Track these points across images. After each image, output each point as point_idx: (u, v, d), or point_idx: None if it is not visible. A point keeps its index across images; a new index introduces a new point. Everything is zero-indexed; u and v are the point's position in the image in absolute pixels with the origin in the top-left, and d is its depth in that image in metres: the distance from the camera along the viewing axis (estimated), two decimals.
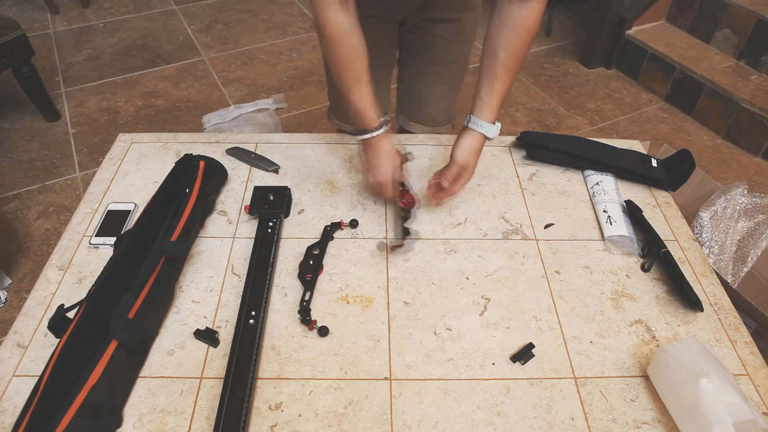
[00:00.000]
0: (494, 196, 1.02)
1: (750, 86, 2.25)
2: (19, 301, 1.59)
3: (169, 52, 2.72)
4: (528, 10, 0.83)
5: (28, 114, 2.26)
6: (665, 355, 0.71)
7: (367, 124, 0.88)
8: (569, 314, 0.82)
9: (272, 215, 0.92)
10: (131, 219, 0.93)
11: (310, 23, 2.99)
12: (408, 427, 0.68)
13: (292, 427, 0.68)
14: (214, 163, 0.99)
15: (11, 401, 0.69)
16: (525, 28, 0.85)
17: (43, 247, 1.74)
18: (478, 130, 0.90)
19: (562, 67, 2.71)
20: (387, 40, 1.08)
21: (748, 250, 1.33)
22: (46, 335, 0.75)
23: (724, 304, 0.85)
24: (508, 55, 0.86)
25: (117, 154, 1.07)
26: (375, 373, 0.74)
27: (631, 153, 1.07)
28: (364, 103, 0.87)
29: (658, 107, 2.47)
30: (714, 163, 2.17)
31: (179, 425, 0.67)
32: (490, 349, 0.77)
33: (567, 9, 3.11)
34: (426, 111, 1.15)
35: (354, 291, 0.84)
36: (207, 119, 2.09)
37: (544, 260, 0.90)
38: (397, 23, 1.06)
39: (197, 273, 0.86)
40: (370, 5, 0.97)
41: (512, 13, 0.84)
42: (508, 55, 0.86)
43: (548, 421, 0.70)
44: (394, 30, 1.07)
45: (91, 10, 3.05)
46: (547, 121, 2.36)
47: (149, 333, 0.76)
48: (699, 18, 2.51)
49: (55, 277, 0.84)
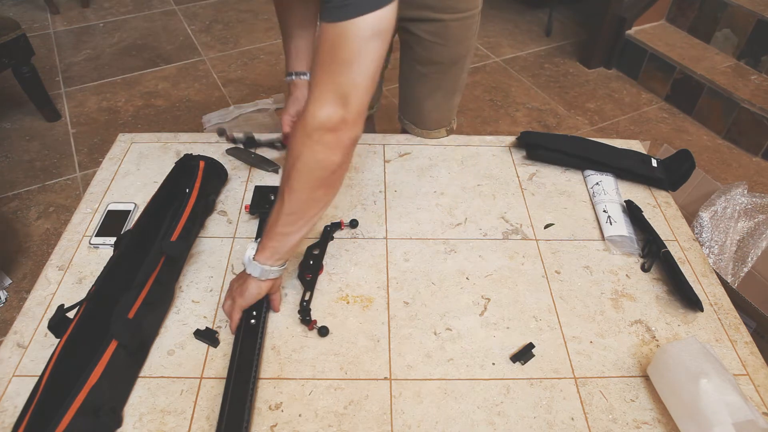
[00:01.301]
0: (494, 196, 1.02)
1: (750, 86, 2.25)
2: (19, 301, 1.58)
3: (169, 52, 2.72)
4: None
5: (28, 114, 2.26)
6: (665, 355, 0.71)
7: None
8: (569, 314, 0.82)
9: None
10: (131, 219, 0.93)
11: None
12: (408, 427, 0.68)
13: (292, 427, 0.68)
14: (214, 163, 0.99)
15: (11, 401, 0.69)
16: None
17: (43, 247, 1.74)
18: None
19: (562, 67, 2.71)
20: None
21: (748, 250, 1.33)
22: (46, 335, 0.75)
23: (724, 304, 0.85)
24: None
25: (117, 154, 1.07)
26: (375, 373, 0.74)
27: (631, 153, 1.07)
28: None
29: (658, 107, 2.47)
30: (714, 163, 2.17)
31: (179, 425, 0.67)
32: (490, 349, 0.77)
33: (567, 9, 3.11)
34: (416, 112, 1.15)
35: (354, 291, 0.84)
36: (207, 119, 2.09)
37: (544, 260, 0.90)
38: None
39: (197, 273, 0.86)
40: None
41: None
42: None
43: (548, 421, 0.70)
44: None
45: (91, 10, 3.04)
46: (547, 121, 2.36)
47: (149, 333, 0.76)
48: (699, 18, 2.51)
49: (55, 277, 0.84)
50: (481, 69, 2.66)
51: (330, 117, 0.64)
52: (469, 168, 1.07)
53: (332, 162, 0.67)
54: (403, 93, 1.17)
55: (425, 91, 1.12)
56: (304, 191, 0.69)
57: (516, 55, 2.79)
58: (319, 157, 0.66)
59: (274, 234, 0.73)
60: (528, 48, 2.85)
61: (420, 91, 1.12)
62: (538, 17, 3.07)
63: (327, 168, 0.67)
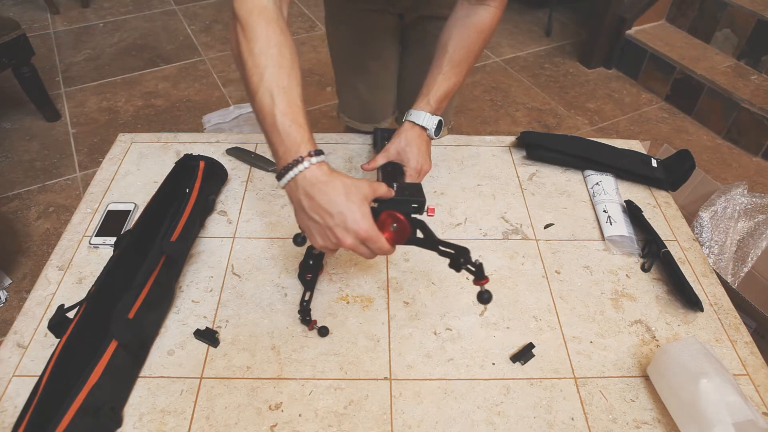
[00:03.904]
0: (494, 196, 1.02)
1: (750, 86, 2.25)
2: (19, 301, 1.59)
3: (169, 52, 2.72)
4: (485, 12, 0.83)
5: (28, 114, 2.26)
6: (665, 355, 0.71)
7: (300, 150, 0.61)
8: (569, 314, 0.82)
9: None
10: (131, 219, 0.93)
11: (310, 23, 2.99)
12: (408, 427, 0.68)
13: (292, 427, 0.68)
14: (214, 163, 0.99)
15: (11, 401, 0.69)
16: (478, 29, 0.84)
17: (43, 247, 1.74)
18: (410, 118, 0.86)
19: (562, 67, 2.71)
20: (387, 32, 1.06)
21: (748, 250, 1.33)
22: (46, 335, 0.75)
23: (724, 304, 0.85)
24: (456, 51, 0.84)
25: (117, 154, 1.07)
26: (375, 373, 0.74)
27: (631, 153, 1.07)
28: (295, 116, 0.62)
29: (658, 107, 2.47)
30: (714, 163, 2.17)
31: (179, 425, 0.67)
32: (490, 349, 0.77)
33: (567, 9, 3.11)
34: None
35: (354, 291, 0.84)
36: (207, 119, 2.09)
37: (544, 260, 0.90)
38: (397, 16, 1.06)
39: (197, 273, 0.86)
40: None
41: (468, 13, 0.84)
42: (456, 50, 0.84)
43: (548, 421, 0.70)
44: (394, 22, 1.06)
45: (91, 10, 3.05)
46: (547, 121, 2.36)
47: (149, 333, 0.76)
48: (699, 18, 2.51)
49: (55, 277, 0.84)
50: (481, 69, 2.66)
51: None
52: (469, 168, 1.07)
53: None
54: (404, 90, 1.15)
55: None
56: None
57: (516, 55, 2.80)
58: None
59: (444, 97, 0.84)
60: (528, 48, 2.85)
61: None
62: (538, 17, 3.07)
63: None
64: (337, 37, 1.09)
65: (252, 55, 0.63)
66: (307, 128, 0.63)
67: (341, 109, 1.26)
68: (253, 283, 0.84)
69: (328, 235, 0.61)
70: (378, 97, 1.12)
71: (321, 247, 0.64)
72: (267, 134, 0.64)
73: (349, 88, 1.15)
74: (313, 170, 0.60)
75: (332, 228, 0.60)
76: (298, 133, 0.61)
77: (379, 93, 1.12)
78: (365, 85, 1.10)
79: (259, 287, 0.84)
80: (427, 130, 0.87)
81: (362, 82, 1.10)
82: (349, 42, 1.07)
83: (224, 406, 0.69)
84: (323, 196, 0.60)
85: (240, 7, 0.65)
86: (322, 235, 0.62)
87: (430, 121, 0.86)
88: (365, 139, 1.14)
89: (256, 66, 0.62)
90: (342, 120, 1.27)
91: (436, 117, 0.86)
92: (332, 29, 1.09)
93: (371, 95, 1.11)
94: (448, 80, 0.85)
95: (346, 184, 0.61)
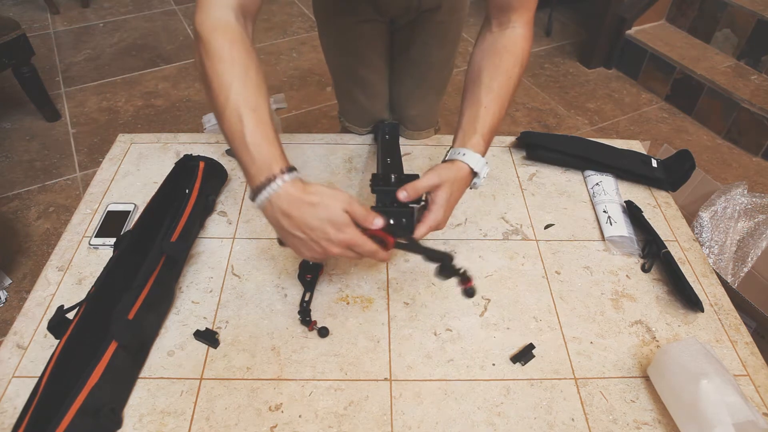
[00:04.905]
0: (494, 196, 1.02)
1: (750, 86, 2.25)
2: (19, 301, 1.59)
3: (169, 52, 2.72)
4: (512, 33, 0.77)
5: (28, 114, 2.26)
6: (665, 356, 0.71)
7: (272, 168, 0.61)
8: (569, 315, 0.82)
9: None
10: (131, 219, 0.93)
11: (310, 23, 2.99)
12: (408, 427, 0.68)
13: (292, 428, 0.68)
14: (214, 163, 0.99)
15: (11, 402, 0.69)
16: (510, 51, 0.76)
17: (43, 247, 1.74)
18: (458, 157, 0.73)
19: (562, 67, 2.71)
20: (379, 40, 1.06)
21: (748, 250, 1.33)
22: (46, 336, 0.75)
23: (724, 305, 0.85)
24: (494, 79, 0.75)
25: (117, 154, 1.07)
26: (375, 374, 0.74)
27: (631, 153, 1.07)
28: (265, 134, 0.61)
29: (658, 107, 2.47)
30: (714, 163, 2.17)
31: (179, 426, 0.67)
32: (490, 350, 0.77)
33: (567, 9, 3.11)
34: (408, 113, 1.14)
35: (354, 291, 0.84)
36: (207, 119, 2.08)
37: (544, 260, 0.90)
38: (387, 23, 1.05)
39: (197, 274, 0.86)
40: (360, 10, 0.96)
41: (495, 40, 0.78)
42: (493, 78, 0.75)
43: (548, 422, 0.70)
44: (384, 29, 1.06)
45: (91, 10, 3.04)
46: (547, 121, 2.36)
47: (149, 334, 0.76)
48: (699, 18, 2.51)
49: (54, 278, 0.84)
50: None
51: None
52: None
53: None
54: (393, 94, 1.15)
55: (420, 93, 1.12)
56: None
57: None
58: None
59: (490, 131, 0.74)
60: None
61: (415, 93, 1.12)
62: (538, 17, 3.07)
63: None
64: (331, 50, 1.10)
65: (217, 75, 0.62)
66: (278, 145, 0.62)
67: (341, 113, 1.27)
68: (253, 283, 0.84)
69: (314, 248, 0.62)
70: (375, 104, 1.13)
71: (309, 258, 0.65)
72: (237, 155, 0.64)
73: (347, 96, 1.15)
74: (287, 188, 0.61)
75: (316, 240, 0.61)
76: (268, 151, 0.61)
77: (377, 100, 1.13)
78: (362, 93, 1.11)
79: (259, 288, 0.84)
80: (475, 177, 0.75)
81: (359, 91, 1.11)
82: (342, 54, 1.08)
83: (224, 407, 0.69)
84: (302, 213, 0.60)
85: (201, 26, 0.64)
86: (307, 248, 0.63)
87: (483, 168, 0.74)
88: (365, 139, 1.14)
89: (221, 86, 0.62)
90: (343, 123, 1.27)
91: (483, 160, 0.75)
92: (325, 42, 1.09)
93: (369, 102, 1.12)
94: (491, 114, 0.74)
95: (323, 194, 0.61)
